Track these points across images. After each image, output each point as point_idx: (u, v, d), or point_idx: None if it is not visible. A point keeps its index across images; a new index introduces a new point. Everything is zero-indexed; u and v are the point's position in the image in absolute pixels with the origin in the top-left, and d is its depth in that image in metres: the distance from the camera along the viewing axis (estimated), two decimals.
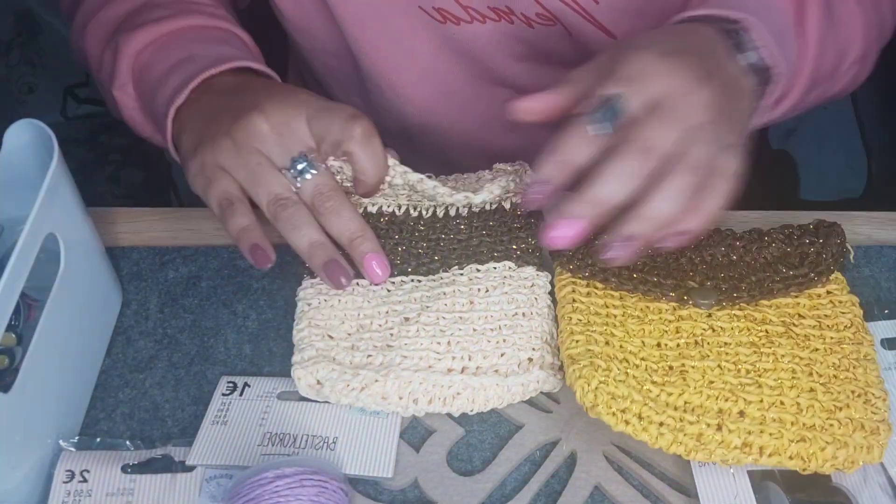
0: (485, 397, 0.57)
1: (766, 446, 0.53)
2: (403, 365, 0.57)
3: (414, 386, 0.56)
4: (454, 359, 0.57)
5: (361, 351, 0.58)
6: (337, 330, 0.59)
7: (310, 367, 0.57)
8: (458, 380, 0.56)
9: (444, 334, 0.58)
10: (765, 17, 0.58)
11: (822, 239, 0.62)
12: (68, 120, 1.56)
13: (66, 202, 0.59)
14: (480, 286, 0.60)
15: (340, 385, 0.56)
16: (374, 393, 0.56)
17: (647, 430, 0.53)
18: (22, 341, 0.58)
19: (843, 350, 0.57)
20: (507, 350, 0.58)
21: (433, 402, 0.57)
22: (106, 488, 0.56)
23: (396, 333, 0.59)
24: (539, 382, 0.58)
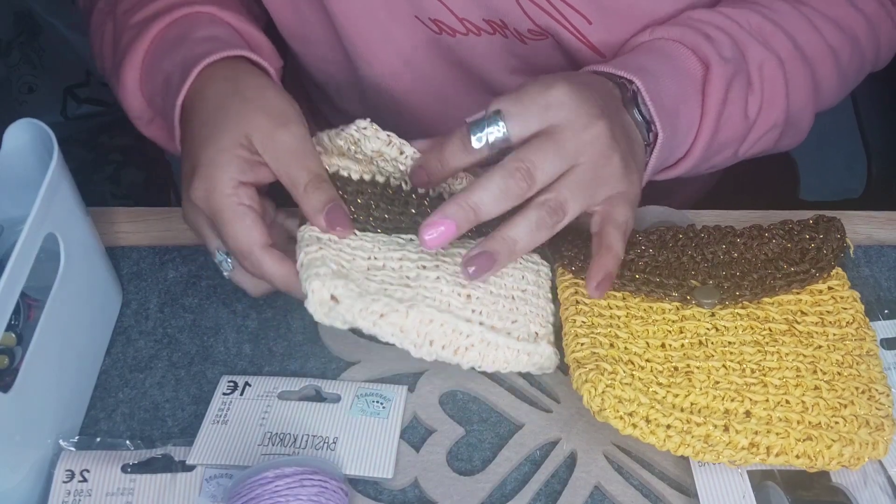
0: (494, 357, 0.55)
1: (773, 446, 0.53)
2: (427, 303, 0.54)
3: (434, 326, 0.54)
4: (473, 311, 0.56)
5: (376, 282, 0.55)
6: (349, 262, 0.56)
7: (328, 281, 0.53)
8: (476, 330, 0.55)
9: (465, 287, 0.56)
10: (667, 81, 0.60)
11: (822, 234, 0.62)
12: (68, 120, 1.55)
13: (66, 202, 0.59)
14: None
15: (360, 305, 0.53)
16: (394, 323, 0.53)
17: (654, 433, 0.53)
18: (22, 341, 0.58)
19: (845, 346, 0.57)
20: (519, 319, 0.57)
21: (447, 347, 0.54)
22: (106, 488, 0.56)
23: (415, 277, 0.56)
24: (543, 358, 0.57)
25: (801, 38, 0.66)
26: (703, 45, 0.63)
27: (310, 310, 0.53)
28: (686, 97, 0.62)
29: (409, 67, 0.76)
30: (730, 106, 0.63)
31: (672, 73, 0.61)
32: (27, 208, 0.53)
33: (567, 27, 0.69)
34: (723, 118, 0.63)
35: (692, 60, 0.63)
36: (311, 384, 0.61)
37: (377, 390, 0.61)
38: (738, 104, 0.64)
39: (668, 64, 0.62)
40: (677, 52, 0.63)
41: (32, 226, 0.53)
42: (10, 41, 1.54)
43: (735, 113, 0.64)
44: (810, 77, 0.67)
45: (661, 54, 0.63)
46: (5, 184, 0.59)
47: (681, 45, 0.63)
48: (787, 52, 0.66)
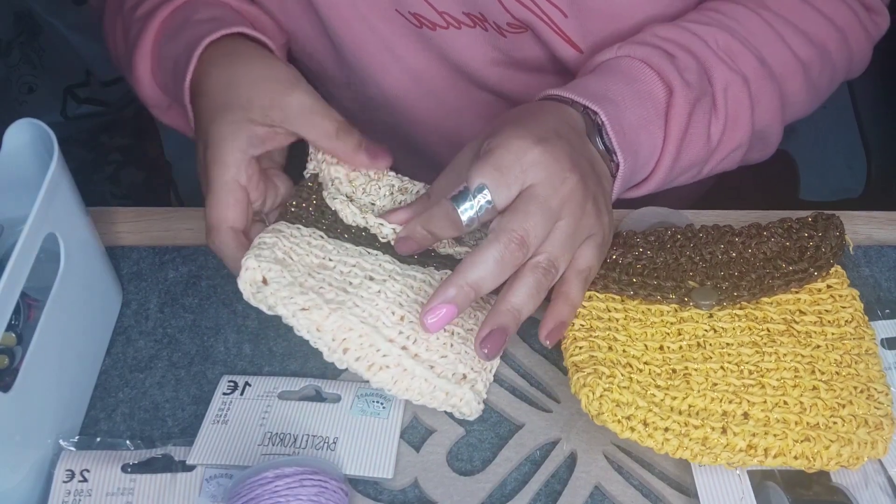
0: (408, 385, 0.55)
1: (771, 447, 0.53)
2: (354, 311, 0.55)
3: (353, 336, 0.55)
4: (400, 333, 0.56)
5: (315, 280, 0.56)
6: (300, 256, 0.58)
7: (264, 263, 0.55)
8: (395, 352, 0.55)
9: (401, 308, 0.57)
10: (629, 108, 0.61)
11: (821, 232, 0.62)
12: (68, 120, 1.56)
13: (66, 202, 0.59)
14: None
15: (285, 293, 0.54)
16: (312, 319, 0.54)
17: (652, 436, 0.53)
18: (22, 341, 0.58)
19: (844, 346, 0.57)
20: (450, 355, 0.57)
21: (361, 360, 0.55)
22: (106, 488, 0.56)
23: (357, 285, 0.57)
24: (461, 401, 0.56)
25: (769, 54, 0.66)
26: (667, 68, 0.62)
27: (239, 287, 0.55)
28: (648, 122, 0.62)
29: (394, 61, 0.76)
30: (692, 129, 0.63)
31: (635, 98, 0.62)
32: (27, 208, 0.53)
33: (544, 20, 0.69)
34: (685, 142, 0.63)
35: (656, 83, 0.63)
36: (311, 384, 0.61)
37: (377, 390, 0.61)
38: (700, 128, 0.64)
39: (632, 87, 0.62)
40: (642, 73, 0.63)
41: (32, 226, 0.53)
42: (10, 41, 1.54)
43: (698, 136, 0.64)
44: (777, 94, 0.67)
45: (626, 76, 0.63)
46: (5, 184, 0.59)
47: (646, 67, 0.63)
48: (754, 70, 0.65)
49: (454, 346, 0.57)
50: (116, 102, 1.56)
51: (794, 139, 0.78)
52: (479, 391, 0.57)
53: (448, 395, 0.56)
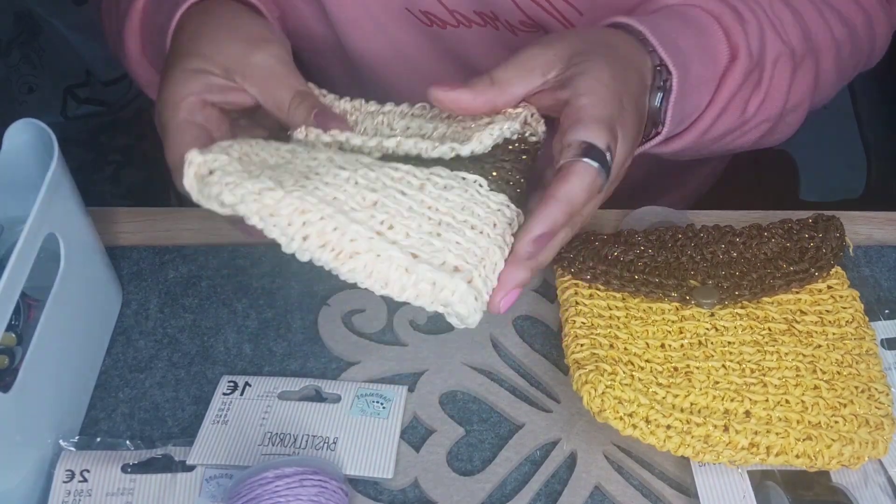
0: (385, 274, 0.46)
1: (773, 446, 0.53)
2: (315, 193, 0.46)
3: (312, 217, 0.45)
4: (373, 217, 0.47)
5: (273, 172, 0.47)
6: (257, 157, 0.50)
7: (210, 155, 0.46)
8: (364, 234, 0.45)
9: (375, 192, 0.47)
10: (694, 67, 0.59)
11: (822, 233, 0.62)
12: (68, 120, 1.56)
13: (66, 202, 0.59)
14: (439, 181, 0.50)
15: (232, 178, 0.45)
16: (265, 204, 0.45)
17: (654, 433, 0.53)
18: (22, 341, 0.58)
19: (845, 346, 0.57)
20: (436, 243, 0.47)
21: (325, 248, 0.46)
22: (106, 488, 0.56)
23: (323, 172, 0.48)
24: (454, 295, 0.46)
25: (813, 28, 0.65)
26: (736, 31, 0.61)
27: (185, 185, 0.46)
28: (702, 83, 0.60)
29: (401, 56, 0.76)
30: (736, 99, 0.62)
31: (700, 56, 0.60)
32: (27, 208, 0.53)
33: (558, 18, 0.69)
34: (725, 110, 0.62)
35: (722, 45, 0.61)
36: (311, 384, 0.61)
37: (377, 390, 0.61)
38: (742, 99, 0.63)
39: (700, 42, 0.60)
40: (711, 30, 0.61)
41: (32, 226, 0.53)
42: (10, 41, 1.54)
43: (737, 107, 0.63)
44: (813, 71, 0.66)
45: (696, 30, 0.60)
46: (5, 184, 0.59)
47: (716, 24, 0.61)
48: (800, 44, 0.64)
49: (442, 235, 0.48)
50: (116, 102, 1.57)
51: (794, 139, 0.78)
52: (478, 288, 0.48)
53: (436, 287, 0.46)
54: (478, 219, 0.50)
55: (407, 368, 0.63)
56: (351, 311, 0.66)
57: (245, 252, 0.70)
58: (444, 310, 0.47)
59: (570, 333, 0.58)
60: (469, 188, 0.51)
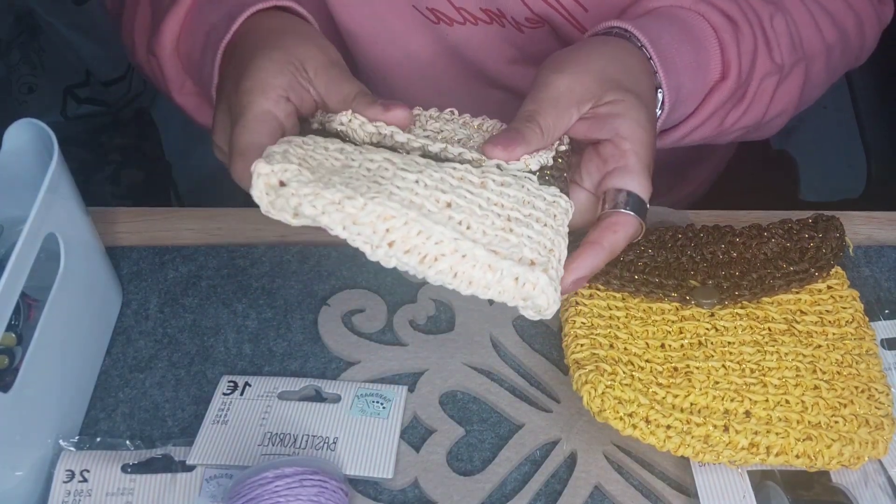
0: (470, 274, 0.46)
1: (773, 446, 0.53)
2: (393, 198, 0.46)
3: (396, 223, 0.45)
4: (451, 218, 0.47)
5: (342, 177, 0.47)
6: (317, 161, 0.49)
7: (278, 165, 0.45)
8: (449, 236, 0.46)
9: (446, 194, 0.48)
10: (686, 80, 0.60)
11: (822, 233, 0.63)
12: (68, 120, 1.56)
13: (66, 202, 0.59)
14: (495, 178, 0.51)
15: (308, 189, 0.45)
16: (346, 213, 0.45)
17: (654, 433, 0.53)
18: (22, 341, 0.58)
19: (845, 346, 0.57)
20: (511, 238, 0.48)
21: (410, 253, 0.46)
22: (106, 488, 0.56)
23: (389, 177, 0.48)
24: (535, 288, 0.47)
25: (805, 36, 0.66)
26: (731, 50, 0.61)
27: (254, 196, 0.46)
28: (690, 95, 0.61)
29: (407, 57, 0.76)
30: (716, 114, 0.63)
31: (694, 71, 0.61)
32: (27, 208, 0.53)
33: (563, 15, 0.69)
34: (704, 123, 0.63)
35: (716, 61, 0.62)
36: (311, 384, 0.61)
37: (377, 390, 0.61)
38: (722, 113, 0.64)
39: (696, 59, 0.61)
40: (709, 44, 0.62)
41: (32, 226, 0.53)
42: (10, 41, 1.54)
43: (716, 120, 0.64)
44: (803, 79, 0.67)
45: (694, 44, 0.61)
46: (5, 184, 0.59)
47: (714, 38, 0.62)
48: (789, 58, 0.65)
49: (514, 230, 0.49)
50: (116, 102, 1.56)
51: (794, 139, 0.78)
52: (553, 277, 0.48)
53: (518, 282, 0.47)
54: (540, 212, 0.51)
55: (407, 368, 0.63)
56: (351, 311, 0.66)
57: (245, 252, 0.70)
58: (524, 304, 0.48)
59: (570, 333, 0.58)
60: (524, 184, 0.52)
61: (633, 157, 0.53)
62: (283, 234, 0.72)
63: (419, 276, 0.47)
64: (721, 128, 0.65)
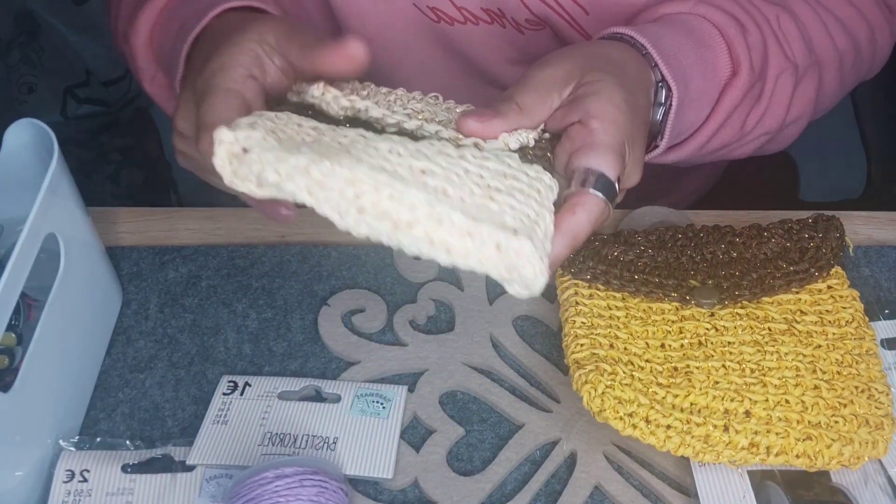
0: (447, 240, 0.42)
1: (773, 446, 0.53)
2: (363, 160, 0.42)
3: (366, 188, 0.41)
4: (425, 185, 0.43)
5: (309, 146, 0.44)
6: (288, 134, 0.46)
7: (242, 132, 0.43)
8: (422, 199, 0.42)
9: (420, 161, 0.44)
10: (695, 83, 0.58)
11: (822, 233, 0.63)
12: (68, 120, 1.56)
13: (66, 202, 0.59)
14: (476, 152, 0.48)
15: (272, 156, 0.42)
16: (313, 179, 0.42)
17: (654, 433, 0.53)
18: (22, 341, 0.58)
19: (845, 346, 0.57)
20: (493, 206, 0.44)
21: (382, 219, 0.42)
22: (106, 488, 0.56)
23: (361, 147, 0.45)
24: (519, 256, 0.43)
25: (816, 41, 0.65)
26: (739, 45, 0.61)
27: (216, 166, 0.44)
28: (702, 96, 0.60)
29: (407, 56, 0.76)
30: (735, 114, 0.62)
31: (702, 70, 0.60)
32: (27, 208, 0.53)
33: (564, 17, 0.69)
34: (724, 125, 0.62)
35: (724, 59, 0.61)
36: (311, 384, 0.61)
37: (377, 390, 0.61)
38: (742, 114, 0.63)
39: (701, 56, 0.60)
40: (714, 42, 0.61)
41: (32, 226, 0.53)
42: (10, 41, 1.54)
43: (737, 121, 0.63)
44: (816, 85, 0.66)
45: (698, 42, 0.60)
46: (5, 184, 0.59)
47: (720, 36, 0.61)
48: (804, 58, 0.64)
49: (494, 198, 0.45)
50: (116, 102, 1.56)
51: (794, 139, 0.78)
52: (539, 247, 0.44)
53: (500, 250, 0.43)
54: (523, 184, 0.48)
55: (407, 368, 0.63)
56: (351, 311, 0.66)
57: (245, 252, 0.70)
58: (509, 276, 0.44)
59: (570, 333, 0.58)
60: (505, 159, 0.49)
61: (601, 133, 0.50)
62: (283, 234, 0.72)
63: (393, 245, 0.43)
64: (743, 130, 0.64)
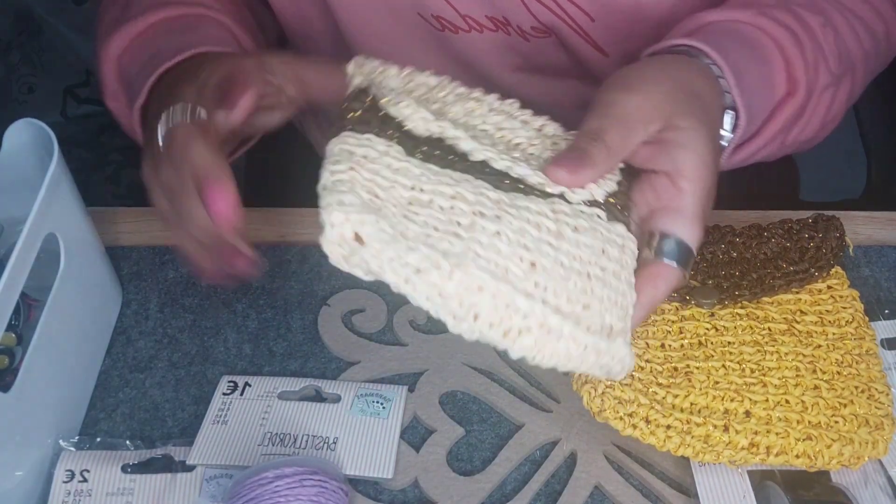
0: (554, 348, 0.44)
1: (773, 446, 0.53)
2: (478, 263, 0.42)
3: (484, 296, 0.42)
4: (536, 285, 0.43)
5: (417, 225, 0.43)
6: (386, 191, 0.44)
7: (353, 215, 0.41)
8: (537, 310, 0.43)
9: (529, 252, 0.44)
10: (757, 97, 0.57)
11: (822, 233, 0.63)
12: (68, 120, 1.56)
13: (66, 202, 0.59)
14: (570, 222, 0.47)
15: (391, 252, 0.41)
16: (434, 283, 0.42)
17: (654, 433, 0.53)
18: (22, 341, 0.58)
19: (845, 346, 0.57)
20: (593, 304, 0.45)
21: (495, 327, 0.43)
22: (106, 488, 0.56)
23: (468, 225, 0.44)
24: (615, 360, 0.46)
25: (849, 46, 0.64)
26: (798, 65, 0.59)
27: (325, 249, 0.42)
28: (757, 116, 0.58)
29: (411, 65, 0.76)
30: (781, 132, 0.61)
31: (762, 90, 0.58)
32: (27, 208, 0.53)
33: (570, 24, 0.69)
34: (768, 145, 0.61)
35: (781, 77, 0.59)
36: (311, 384, 0.61)
37: (377, 390, 0.61)
38: (784, 133, 0.61)
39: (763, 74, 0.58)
40: (774, 60, 0.59)
41: (32, 226, 0.53)
42: (10, 41, 1.54)
43: (778, 140, 0.61)
44: (850, 89, 0.65)
45: (761, 60, 0.58)
46: (5, 184, 0.59)
47: (779, 55, 0.59)
48: (839, 69, 0.63)
49: (594, 291, 0.46)
50: None
51: None
52: (629, 342, 0.47)
53: (599, 355, 0.45)
54: (615, 262, 0.48)
55: (407, 368, 0.63)
56: (351, 311, 0.66)
57: None
58: (600, 373, 0.47)
59: None
60: (596, 226, 0.48)
61: (690, 198, 0.49)
62: (282, 234, 0.72)
63: (499, 348, 0.44)
64: (782, 145, 0.62)
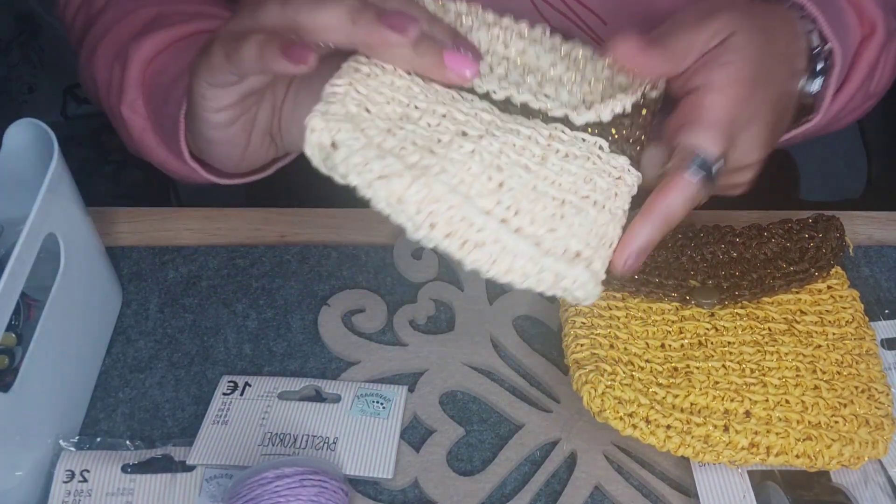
0: (509, 264, 0.46)
1: (773, 446, 0.53)
2: (441, 178, 0.45)
3: (441, 207, 0.45)
4: (499, 203, 0.46)
5: (396, 138, 0.47)
6: (378, 106, 0.48)
7: (332, 123, 0.46)
8: (492, 226, 0.45)
9: (500, 172, 0.47)
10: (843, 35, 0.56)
11: (822, 233, 0.63)
12: (68, 120, 1.56)
13: (66, 202, 0.59)
14: (561, 148, 0.49)
15: (357, 159, 0.45)
16: (392, 189, 0.44)
17: (654, 433, 0.53)
18: (22, 341, 0.58)
19: (845, 346, 0.57)
20: (560, 229, 0.47)
21: (451, 237, 0.45)
22: (106, 488, 0.56)
23: (446, 143, 0.47)
24: (574, 283, 0.46)
25: None
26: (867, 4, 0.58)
27: (306, 152, 0.46)
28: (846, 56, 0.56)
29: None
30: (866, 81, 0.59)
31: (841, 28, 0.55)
32: (27, 208, 0.53)
33: (583, 28, 0.68)
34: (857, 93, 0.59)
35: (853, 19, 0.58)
36: (311, 384, 0.61)
37: (377, 390, 0.61)
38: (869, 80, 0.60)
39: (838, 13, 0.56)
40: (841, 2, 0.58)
41: (32, 226, 0.53)
42: (10, 41, 1.54)
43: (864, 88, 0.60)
44: None
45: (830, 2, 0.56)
46: (5, 184, 0.59)
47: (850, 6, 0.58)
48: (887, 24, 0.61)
49: (565, 217, 0.47)
50: None
51: None
52: (597, 270, 0.47)
53: (558, 277, 0.46)
54: (600, 192, 0.49)
55: (407, 368, 0.63)
56: (351, 311, 0.66)
57: (245, 252, 0.70)
58: (562, 295, 0.47)
59: (570, 333, 0.58)
60: (590, 154, 0.50)
61: (711, 109, 0.48)
62: (283, 234, 0.72)
63: (456, 259, 0.46)
64: (866, 95, 0.60)
